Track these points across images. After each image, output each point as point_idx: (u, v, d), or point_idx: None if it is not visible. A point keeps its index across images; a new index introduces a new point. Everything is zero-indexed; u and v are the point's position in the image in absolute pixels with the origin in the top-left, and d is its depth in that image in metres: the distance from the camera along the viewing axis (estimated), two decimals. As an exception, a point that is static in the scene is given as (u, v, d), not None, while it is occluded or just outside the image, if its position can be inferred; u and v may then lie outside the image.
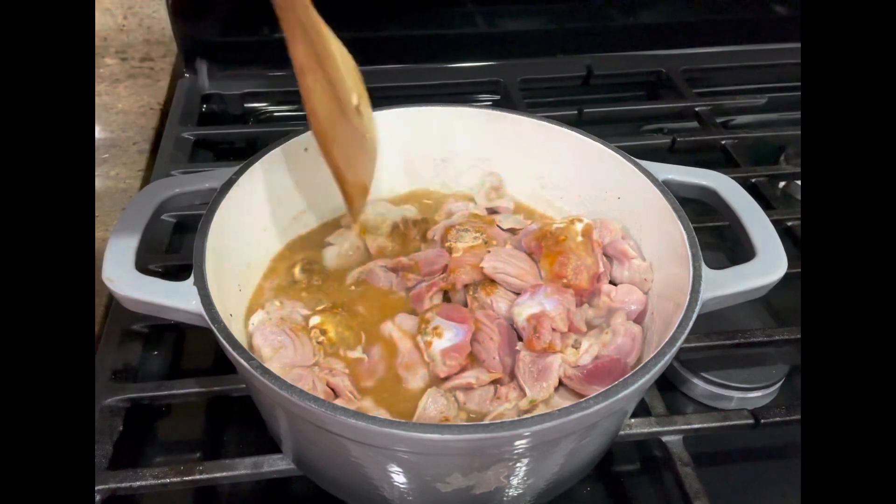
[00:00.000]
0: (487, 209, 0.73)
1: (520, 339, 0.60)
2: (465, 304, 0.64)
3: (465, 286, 0.64)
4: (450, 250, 0.66)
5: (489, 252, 0.64)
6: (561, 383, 0.57)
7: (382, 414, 0.54)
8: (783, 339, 0.69)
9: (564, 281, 0.62)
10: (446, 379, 0.57)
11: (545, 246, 0.64)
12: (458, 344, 0.58)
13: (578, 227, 0.65)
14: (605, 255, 0.66)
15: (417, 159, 0.76)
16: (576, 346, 0.58)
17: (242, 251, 0.65)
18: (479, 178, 0.76)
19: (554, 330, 0.58)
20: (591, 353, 0.57)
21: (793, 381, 0.69)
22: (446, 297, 0.65)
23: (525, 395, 0.56)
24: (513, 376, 0.58)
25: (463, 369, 0.58)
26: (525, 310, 0.60)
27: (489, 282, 0.63)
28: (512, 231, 0.70)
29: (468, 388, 0.57)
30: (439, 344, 0.58)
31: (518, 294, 0.62)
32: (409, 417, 0.55)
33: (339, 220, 0.74)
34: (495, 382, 0.57)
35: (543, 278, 0.64)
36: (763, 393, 0.67)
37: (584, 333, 0.60)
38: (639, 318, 0.62)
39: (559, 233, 0.64)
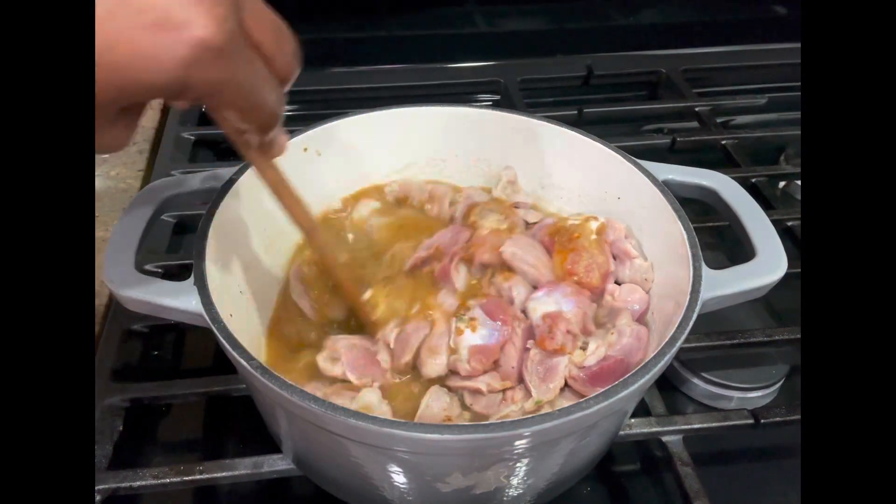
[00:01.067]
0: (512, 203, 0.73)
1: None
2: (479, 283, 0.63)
3: (484, 266, 0.63)
4: (473, 226, 0.65)
5: (511, 238, 0.64)
6: (566, 384, 0.56)
7: (386, 409, 0.54)
8: (783, 339, 0.69)
9: (576, 278, 0.62)
10: (456, 375, 0.57)
11: (558, 241, 0.64)
12: (489, 346, 0.56)
13: (593, 225, 0.64)
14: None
15: (417, 159, 0.76)
16: (583, 346, 0.57)
17: (243, 251, 0.65)
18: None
19: (568, 332, 0.57)
20: (597, 354, 0.56)
21: (793, 381, 0.69)
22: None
23: (531, 396, 0.56)
24: (520, 377, 0.58)
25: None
26: (541, 306, 0.59)
27: (507, 268, 0.63)
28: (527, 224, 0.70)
29: (476, 392, 0.56)
30: (470, 339, 0.57)
31: (535, 287, 0.62)
32: (414, 413, 0.55)
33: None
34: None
35: (553, 273, 0.63)
36: (763, 393, 0.67)
37: (591, 334, 0.60)
38: (640, 318, 0.62)
39: (574, 229, 0.64)
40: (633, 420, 0.62)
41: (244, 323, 0.62)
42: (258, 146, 0.46)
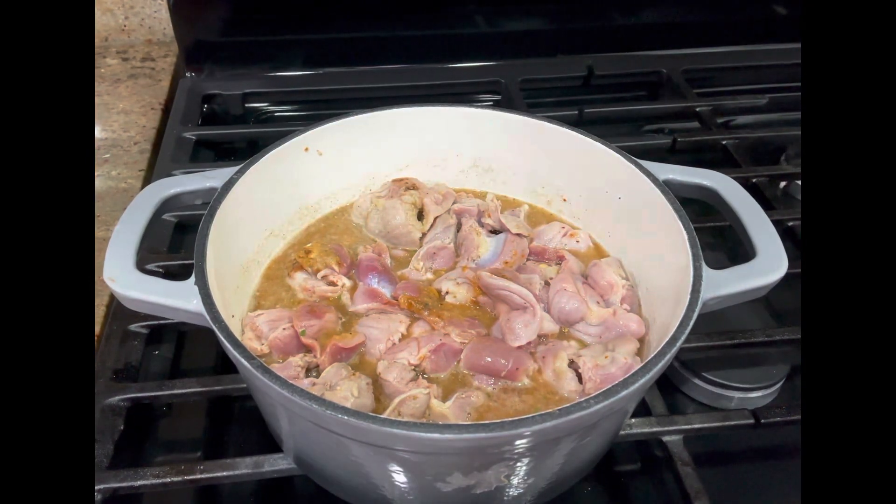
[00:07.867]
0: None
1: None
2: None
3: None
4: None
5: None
6: None
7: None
8: (783, 339, 0.69)
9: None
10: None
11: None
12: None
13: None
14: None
15: (417, 159, 0.76)
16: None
17: (243, 251, 0.65)
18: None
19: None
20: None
21: (793, 381, 0.69)
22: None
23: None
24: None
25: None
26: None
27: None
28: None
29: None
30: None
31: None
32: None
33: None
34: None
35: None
36: (763, 393, 0.67)
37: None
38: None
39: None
40: (633, 420, 0.62)
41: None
42: None
